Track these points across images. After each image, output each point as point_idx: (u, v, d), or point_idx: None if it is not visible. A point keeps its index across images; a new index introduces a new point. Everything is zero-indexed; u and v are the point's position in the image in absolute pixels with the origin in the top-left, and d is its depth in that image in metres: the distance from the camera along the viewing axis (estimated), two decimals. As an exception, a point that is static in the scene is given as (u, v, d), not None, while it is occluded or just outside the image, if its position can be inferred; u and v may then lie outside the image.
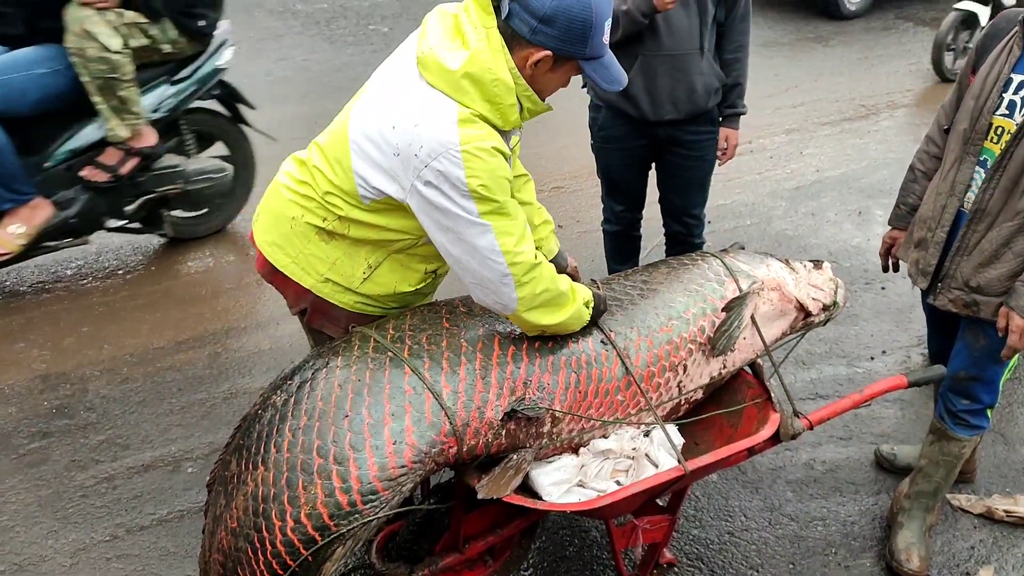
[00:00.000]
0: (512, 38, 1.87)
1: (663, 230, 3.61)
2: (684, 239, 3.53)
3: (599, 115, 3.33)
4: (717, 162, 3.41)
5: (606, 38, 1.90)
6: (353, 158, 1.98)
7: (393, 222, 2.04)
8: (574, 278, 2.48)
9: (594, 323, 2.23)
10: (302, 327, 2.38)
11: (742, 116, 3.37)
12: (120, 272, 4.18)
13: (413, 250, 2.14)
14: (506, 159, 1.91)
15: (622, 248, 3.66)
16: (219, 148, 4.37)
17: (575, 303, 2.12)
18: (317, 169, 2.07)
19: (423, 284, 2.24)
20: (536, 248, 2.05)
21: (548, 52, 1.86)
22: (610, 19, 1.89)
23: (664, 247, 3.68)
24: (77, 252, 4.29)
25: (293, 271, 2.16)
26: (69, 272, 4.16)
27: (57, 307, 3.90)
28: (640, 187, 3.49)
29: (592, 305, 2.18)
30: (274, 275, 2.21)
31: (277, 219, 2.16)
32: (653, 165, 3.45)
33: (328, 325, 2.24)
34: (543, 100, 1.99)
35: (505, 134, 1.98)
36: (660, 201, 3.53)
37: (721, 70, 3.19)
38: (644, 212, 3.61)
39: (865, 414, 3.42)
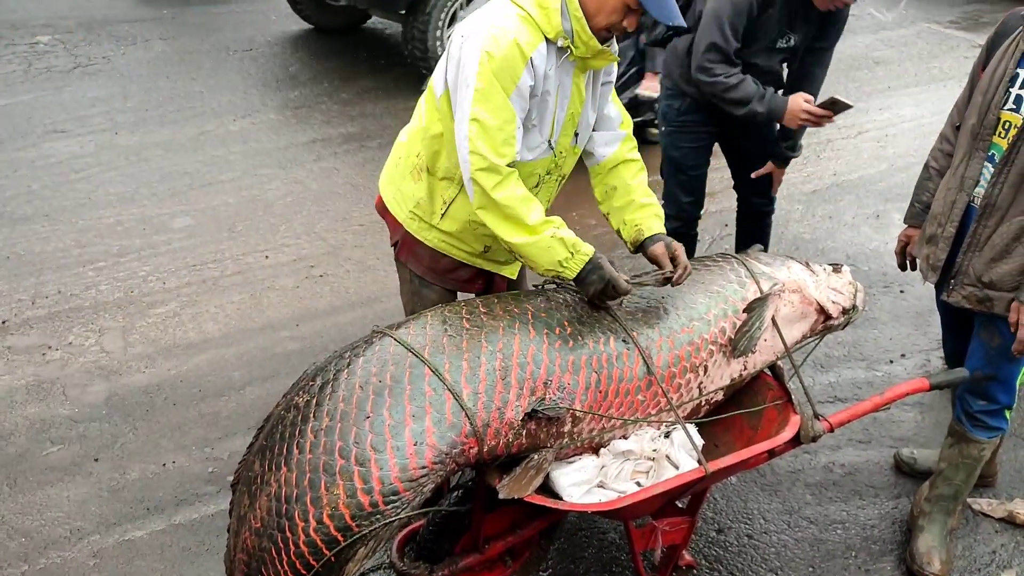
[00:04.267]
0: None
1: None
2: (762, 209, 3.77)
3: (680, 102, 3.43)
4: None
5: None
6: (440, 61, 2.30)
7: (451, 126, 2.24)
8: (674, 259, 2.35)
9: (599, 303, 2.26)
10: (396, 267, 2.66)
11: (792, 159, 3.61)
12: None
13: None
14: (528, 67, 2.12)
15: None
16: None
17: (538, 233, 2.16)
18: (419, 103, 2.42)
19: None
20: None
21: None
22: None
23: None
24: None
25: (391, 204, 2.51)
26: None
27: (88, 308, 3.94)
28: (703, 177, 3.62)
29: (581, 255, 2.18)
30: (384, 210, 2.56)
31: (389, 162, 2.56)
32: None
33: (413, 261, 2.53)
34: (596, 32, 2.16)
35: (560, 53, 2.19)
36: (737, 180, 3.74)
37: None
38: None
39: (884, 417, 3.40)
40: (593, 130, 2.46)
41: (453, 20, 6.05)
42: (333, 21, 7.28)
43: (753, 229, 3.85)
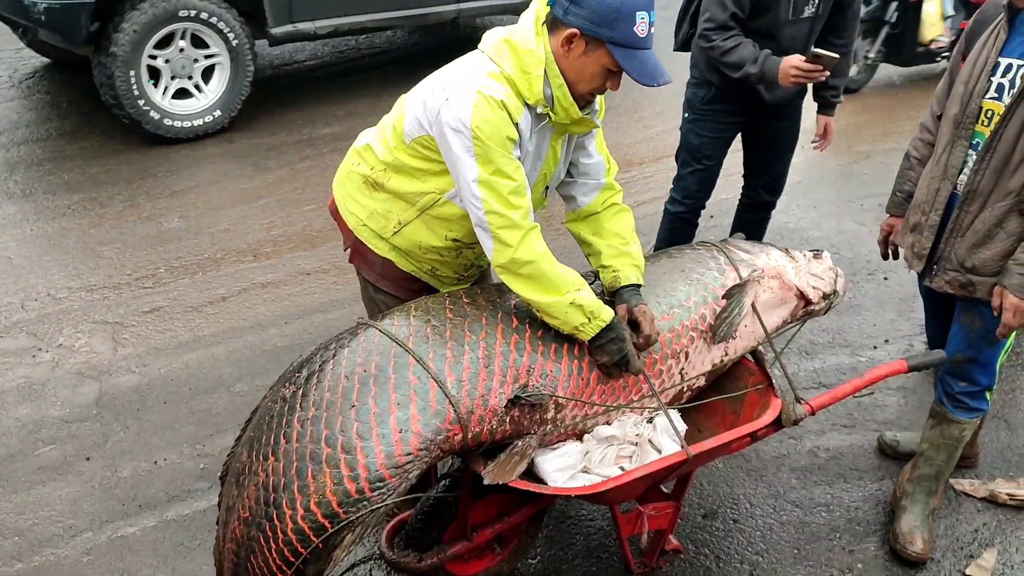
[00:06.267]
0: (553, 23, 2.09)
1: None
2: (767, 202, 3.84)
3: (705, 91, 3.47)
4: (816, 148, 3.77)
5: (639, 31, 2.03)
6: (410, 100, 2.24)
7: (424, 166, 2.23)
8: (635, 325, 2.28)
9: (607, 371, 2.24)
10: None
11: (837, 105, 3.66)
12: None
13: (436, 209, 2.28)
14: (515, 128, 2.09)
15: (679, 233, 3.74)
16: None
17: (559, 295, 2.12)
18: (384, 125, 2.34)
19: (446, 249, 2.36)
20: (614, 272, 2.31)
21: (576, 30, 2.03)
22: (645, 13, 2.02)
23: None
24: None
25: (343, 209, 2.45)
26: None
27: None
28: (718, 168, 3.66)
29: (599, 321, 2.15)
30: (336, 212, 2.50)
31: (344, 167, 2.49)
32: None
33: (364, 267, 2.49)
34: (576, 97, 2.12)
35: (539, 118, 2.15)
36: (752, 169, 3.79)
37: None
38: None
39: (868, 402, 3.44)
40: (576, 178, 2.41)
41: (167, 44, 5.21)
42: (71, 55, 5.87)
43: (753, 220, 3.87)
